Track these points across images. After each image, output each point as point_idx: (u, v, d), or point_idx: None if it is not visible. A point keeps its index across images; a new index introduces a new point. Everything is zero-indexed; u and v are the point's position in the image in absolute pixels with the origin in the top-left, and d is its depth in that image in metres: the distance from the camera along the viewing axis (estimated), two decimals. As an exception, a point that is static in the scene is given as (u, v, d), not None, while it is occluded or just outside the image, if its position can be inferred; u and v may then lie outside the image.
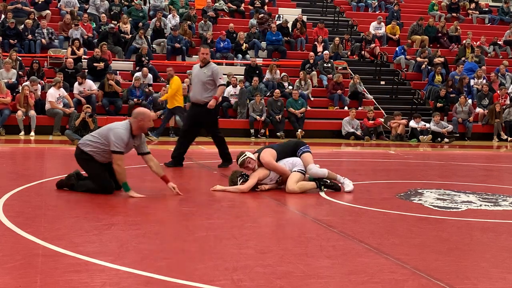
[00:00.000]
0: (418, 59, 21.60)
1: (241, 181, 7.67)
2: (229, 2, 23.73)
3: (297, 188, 7.62)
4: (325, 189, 7.78)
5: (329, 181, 7.85)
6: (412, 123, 18.17)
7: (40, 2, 21.02)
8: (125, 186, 7.07)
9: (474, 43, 23.08)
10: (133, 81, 17.67)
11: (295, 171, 7.75)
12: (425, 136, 17.85)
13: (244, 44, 20.97)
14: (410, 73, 21.78)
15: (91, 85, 17.15)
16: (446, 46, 23.64)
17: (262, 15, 22.56)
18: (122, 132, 7.03)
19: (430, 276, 4.22)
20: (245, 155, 7.74)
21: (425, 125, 18.15)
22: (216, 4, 23.43)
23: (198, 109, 10.05)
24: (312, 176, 7.84)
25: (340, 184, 7.92)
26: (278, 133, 17.45)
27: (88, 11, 21.16)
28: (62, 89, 16.49)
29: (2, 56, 17.67)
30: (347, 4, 26.20)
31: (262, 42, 21.65)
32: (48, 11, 21.06)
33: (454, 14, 25.94)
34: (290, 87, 19.14)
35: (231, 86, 18.46)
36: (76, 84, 17.00)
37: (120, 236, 5.15)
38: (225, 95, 18.25)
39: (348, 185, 7.89)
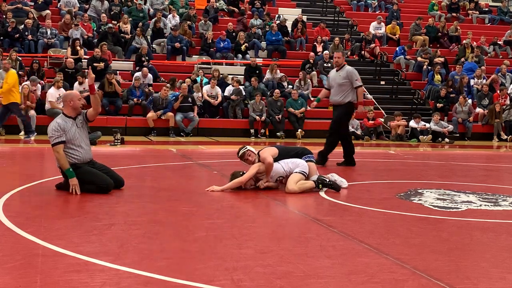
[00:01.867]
0: (419, 59, 21.61)
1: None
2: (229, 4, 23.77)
3: (297, 188, 7.63)
4: (324, 189, 7.78)
5: (327, 180, 7.85)
6: (412, 123, 18.16)
7: (40, 2, 21.04)
8: (68, 171, 7.12)
9: (474, 43, 23.09)
10: (133, 81, 17.67)
11: (296, 172, 7.76)
12: (425, 136, 17.85)
13: (244, 44, 20.98)
14: (410, 73, 21.78)
15: (91, 85, 17.13)
16: (446, 46, 23.64)
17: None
18: (54, 123, 7.27)
19: (430, 276, 4.21)
20: (246, 148, 7.91)
21: (425, 125, 18.14)
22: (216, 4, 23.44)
23: (336, 111, 10.90)
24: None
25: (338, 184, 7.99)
26: (278, 133, 17.46)
27: (88, 13, 21.15)
28: (62, 89, 16.50)
29: (2, 56, 17.67)
30: (347, 4, 26.21)
31: (262, 42, 21.66)
32: (48, 11, 21.07)
33: (454, 14, 25.95)
34: (290, 87, 19.15)
35: (230, 86, 18.48)
36: (76, 84, 17.00)
37: (120, 236, 5.15)
38: (225, 94, 18.28)
39: (342, 180, 8.12)
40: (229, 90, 18.35)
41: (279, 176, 7.85)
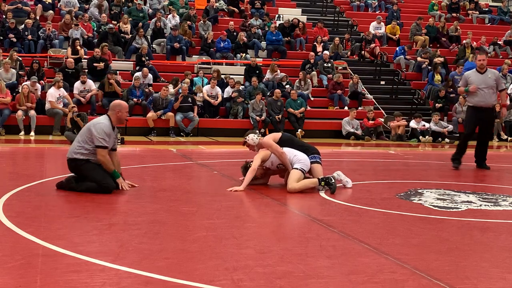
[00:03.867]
0: (419, 59, 21.60)
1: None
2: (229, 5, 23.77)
3: (298, 187, 7.63)
4: (325, 186, 7.71)
5: (333, 181, 7.73)
6: (412, 124, 18.14)
7: (48, 3, 21.09)
8: (115, 173, 7.35)
9: (474, 43, 23.08)
10: (133, 81, 17.67)
11: (296, 168, 7.75)
12: (425, 137, 17.82)
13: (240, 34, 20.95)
14: (410, 73, 21.78)
15: (91, 85, 17.16)
16: (446, 46, 23.65)
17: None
18: (105, 125, 7.29)
19: (430, 276, 4.21)
20: (246, 138, 8.10)
21: (424, 125, 18.12)
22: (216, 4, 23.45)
23: (485, 113, 10.77)
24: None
25: (341, 184, 8.10)
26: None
27: (88, 13, 21.17)
28: (62, 89, 16.51)
29: (2, 56, 17.68)
30: (347, 4, 26.21)
31: (262, 42, 21.66)
32: (52, 12, 21.14)
33: (454, 14, 25.95)
34: (288, 86, 19.15)
35: (229, 86, 18.49)
36: (76, 83, 17.01)
37: (120, 236, 5.15)
38: (225, 96, 18.28)
39: (347, 180, 8.23)
40: (228, 91, 18.34)
41: (279, 164, 7.86)
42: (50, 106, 16.21)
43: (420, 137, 17.86)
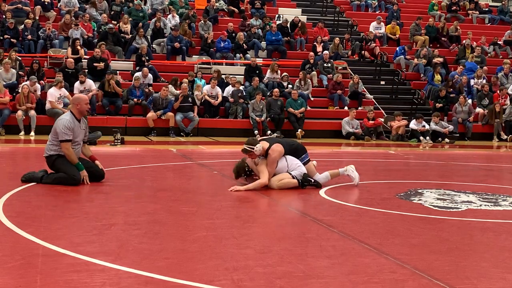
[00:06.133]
0: (416, 60, 21.59)
1: (244, 176, 8.07)
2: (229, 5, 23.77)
3: (276, 186, 7.79)
4: (307, 186, 7.94)
5: (313, 180, 8.01)
6: (413, 125, 18.08)
7: (46, 3, 21.08)
8: (78, 165, 7.77)
9: (474, 43, 23.08)
10: (133, 81, 17.67)
11: (290, 174, 7.91)
12: (426, 138, 17.79)
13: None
14: (410, 73, 21.78)
15: (91, 85, 17.17)
16: (446, 46, 23.64)
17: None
18: (66, 120, 7.77)
19: (430, 276, 4.21)
20: (256, 148, 7.86)
21: (424, 126, 18.07)
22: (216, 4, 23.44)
23: None
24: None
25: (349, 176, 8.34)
26: (275, 134, 17.45)
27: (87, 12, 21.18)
28: (63, 89, 16.52)
29: (2, 56, 17.68)
30: (347, 4, 26.21)
31: (262, 42, 21.65)
32: (54, 12, 21.14)
33: (454, 14, 25.94)
34: (290, 86, 19.16)
35: (230, 86, 18.49)
36: (76, 83, 17.01)
37: (120, 236, 5.15)
38: (224, 94, 18.28)
39: (354, 176, 8.31)
40: (228, 90, 18.34)
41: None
42: (50, 106, 16.20)
43: (421, 137, 17.84)
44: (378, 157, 13.71)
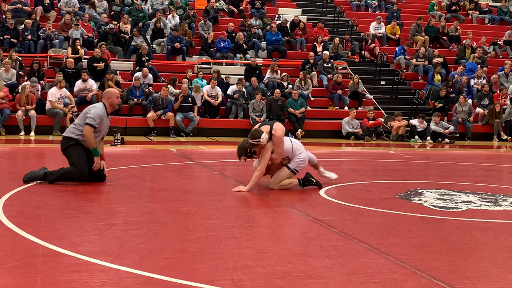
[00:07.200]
0: (414, 61, 21.59)
1: (245, 158, 7.83)
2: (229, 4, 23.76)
3: (277, 187, 7.80)
4: (308, 185, 7.96)
5: (314, 181, 8.00)
6: (416, 122, 18.07)
7: (47, 4, 21.08)
8: (95, 151, 7.73)
9: (474, 43, 23.08)
10: (133, 81, 17.67)
11: (288, 167, 7.84)
12: (427, 138, 17.79)
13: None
14: (410, 73, 21.78)
15: (92, 84, 17.18)
16: (446, 46, 23.64)
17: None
18: (100, 108, 7.81)
19: (430, 276, 4.21)
20: (262, 138, 7.64)
21: (424, 125, 18.08)
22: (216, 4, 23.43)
23: None
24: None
25: (325, 176, 8.40)
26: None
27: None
28: (64, 89, 16.52)
29: (2, 56, 17.68)
30: (347, 4, 26.21)
31: (262, 42, 21.65)
32: (54, 13, 21.13)
33: (454, 14, 25.94)
34: (290, 86, 19.16)
35: (234, 85, 18.49)
36: (78, 82, 17.03)
37: (120, 236, 5.15)
38: (228, 92, 18.29)
39: (330, 176, 8.45)
40: (232, 89, 18.35)
41: (286, 156, 7.92)
42: (50, 106, 16.21)
43: (416, 136, 17.82)
44: (378, 157, 13.71)
